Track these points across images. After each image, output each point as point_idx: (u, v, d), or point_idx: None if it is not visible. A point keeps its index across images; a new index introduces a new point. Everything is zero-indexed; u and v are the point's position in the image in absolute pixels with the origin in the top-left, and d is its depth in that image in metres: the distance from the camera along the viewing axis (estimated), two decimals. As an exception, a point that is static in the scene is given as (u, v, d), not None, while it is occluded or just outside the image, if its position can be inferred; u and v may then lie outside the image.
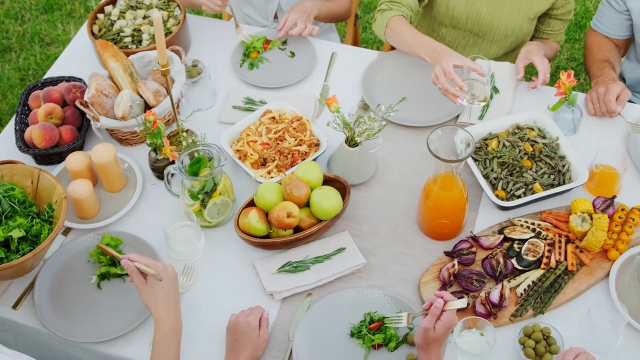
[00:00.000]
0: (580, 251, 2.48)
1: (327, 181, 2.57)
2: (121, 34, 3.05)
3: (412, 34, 2.90)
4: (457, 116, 2.87)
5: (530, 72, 3.74)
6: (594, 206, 2.55)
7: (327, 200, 2.44)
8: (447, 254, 2.48)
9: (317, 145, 2.69)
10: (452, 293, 2.36)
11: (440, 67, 2.70)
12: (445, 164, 2.31)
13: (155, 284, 2.16)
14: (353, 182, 2.65)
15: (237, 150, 2.69)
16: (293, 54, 3.11)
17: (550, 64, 2.96)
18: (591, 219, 2.49)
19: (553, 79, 4.10)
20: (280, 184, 2.51)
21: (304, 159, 2.65)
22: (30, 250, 2.36)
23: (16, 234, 2.36)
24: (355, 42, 3.79)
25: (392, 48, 3.16)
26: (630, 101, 3.21)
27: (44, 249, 2.34)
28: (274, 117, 2.78)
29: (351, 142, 2.58)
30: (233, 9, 3.31)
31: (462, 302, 2.08)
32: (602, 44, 3.18)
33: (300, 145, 2.69)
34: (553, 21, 3.17)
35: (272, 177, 2.60)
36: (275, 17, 3.47)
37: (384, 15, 3.00)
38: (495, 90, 2.93)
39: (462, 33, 3.18)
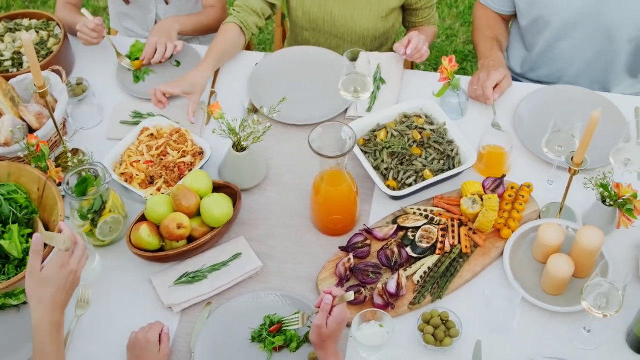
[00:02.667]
0: (474, 233, 2.51)
1: (218, 188, 2.55)
2: (1, 58, 2.98)
3: (213, 45, 2.97)
4: (346, 110, 2.88)
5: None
6: (484, 187, 2.57)
7: (217, 207, 2.43)
8: (342, 249, 2.48)
9: (202, 153, 2.67)
10: (350, 287, 2.37)
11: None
12: (330, 160, 2.31)
13: (45, 282, 2.03)
14: (245, 186, 2.64)
15: (122, 174, 2.65)
16: (178, 63, 3.09)
17: (430, 48, 3.00)
18: (482, 200, 2.52)
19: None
20: (170, 195, 2.48)
21: (191, 169, 2.62)
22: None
23: (7, 246, 2.31)
24: (248, 47, 3.76)
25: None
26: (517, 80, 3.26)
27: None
28: (152, 134, 2.74)
29: (238, 147, 2.57)
30: (115, 25, 3.28)
31: (350, 295, 2.09)
32: (490, 19, 3.22)
33: (185, 156, 2.66)
34: (419, 12, 3.21)
35: (163, 194, 2.58)
36: None
37: (226, 19, 3.05)
38: (381, 81, 2.95)
39: (323, 35, 3.20)
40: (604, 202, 2.45)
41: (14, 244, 2.36)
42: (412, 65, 3.57)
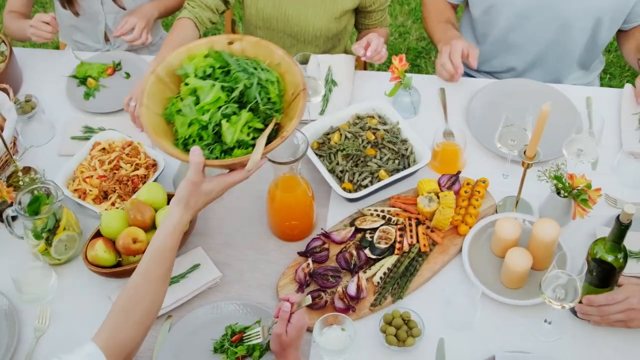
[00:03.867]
0: (432, 231, 2.51)
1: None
2: (-56, 79, 2.95)
3: (168, 39, 2.92)
4: (299, 114, 2.86)
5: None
6: (439, 184, 2.58)
7: (172, 219, 2.40)
8: (300, 254, 2.47)
9: (155, 165, 2.65)
10: (310, 292, 2.36)
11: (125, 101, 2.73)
12: (283, 166, 2.30)
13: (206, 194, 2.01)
14: None
15: (75, 190, 2.62)
16: (128, 75, 3.06)
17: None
18: (438, 197, 2.52)
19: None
20: (124, 210, 2.46)
21: (145, 182, 2.60)
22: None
23: (225, 127, 2.00)
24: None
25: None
26: (470, 75, 3.27)
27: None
28: (104, 148, 2.71)
29: None
30: (64, 38, 3.24)
31: (308, 299, 2.09)
32: (439, 4, 3.23)
33: (138, 169, 2.64)
34: (373, 14, 3.22)
35: (117, 208, 2.55)
36: (106, 39, 3.41)
37: (181, 13, 3.03)
38: (333, 83, 2.94)
39: (277, 34, 3.19)
40: (558, 193, 2.46)
41: (232, 129, 1.99)
42: (364, 66, 3.57)
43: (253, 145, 1.99)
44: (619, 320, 2.23)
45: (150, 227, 2.43)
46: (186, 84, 2.03)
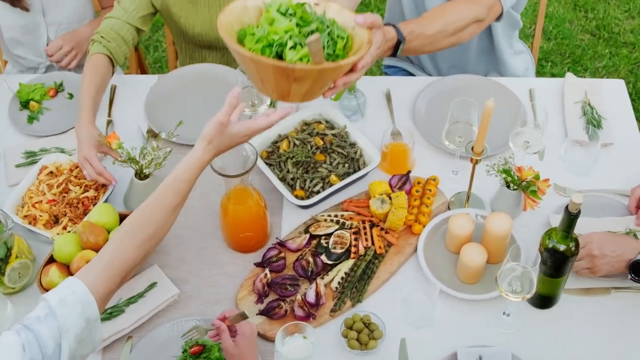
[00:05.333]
0: (386, 232, 2.52)
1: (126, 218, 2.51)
2: None
3: (86, 87, 2.74)
4: (247, 125, 2.86)
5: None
6: (390, 185, 2.59)
7: (125, 239, 2.39)
8: (257, 265, 2.46)
9: (105, 185, 2.63)
10: (269, 302, 2.35)
11: (83, 157, 2.60)
12: (234, 179, 2.29)
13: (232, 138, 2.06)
14: None
15: (25, 216, 2.58)
16: (71, 96, 3.02)
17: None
18: (390, 198, 2.53)
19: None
20: (77, 233, 2.43)
21: (96, 203, 2.58)
22: None
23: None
24: (142, 67, 3.72)
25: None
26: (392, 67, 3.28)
27: None
28: (51, 172, 2.68)
29: (141, 175, 2.54)
30: (4, 54, 3.20)
31: (244, 313, 2.11)
32: None
33: (87, 190, 2.61)
34: None
35: (70, 232, 2.52)
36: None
37: (91, 48, 2.88)
38: (278, 91, 2.94)
39: (220, 51, 3.17)
40: (508, 186, 2.49)
41: (294, 51, 1.95)
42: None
43: None
44: (584, 269, 2.36)
45: (104, 249, 2.41)
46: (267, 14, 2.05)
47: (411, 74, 3.34)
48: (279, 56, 1.95)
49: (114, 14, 2.93)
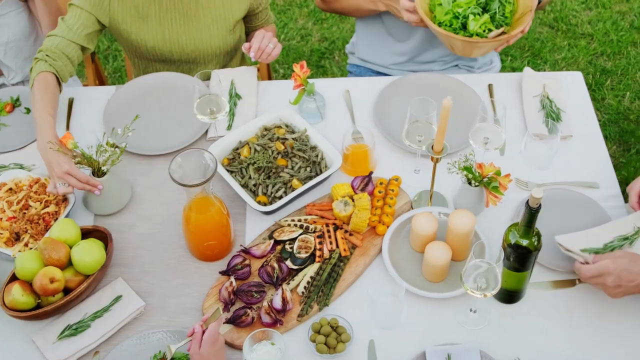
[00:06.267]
0: (350, 235, 2.52)
1: (87, 233, 2.49)
2: None
3: (41, 105, 2.67)
4: (207, 132, 2.84)
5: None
6: (353, 187, 2.59)
7: (88, 254, 2.36)
8: (222, 273, 2.45)
9: (65, 200, 2.60)
10: (236, 310, 2.34)
11: (64, 172, 2.50)
12: (194, 188, 2.27)
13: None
14: (112, 210, 2.63)
15: (-15, 235, 2.56)
16: (28, 110, 2.99)
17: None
18: (353, 200, 2.53)
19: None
20: (38, 250, 2.41)
21: (57, 219, 2.55)
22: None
23: None
24: (100, 78, 3.69)
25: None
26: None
27: None
28: (11, 189, 2.65)
29: (98, 173, 2.54)
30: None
31: (218, 312, 2.10)
32: None
33: (48, 206, 2.59)
34: (259, 15, 3.21)
35: (31, 249, 2.49)
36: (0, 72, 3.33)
37: (36, 67, 2.81)
38: (237, 97, 2.93)
39: (176, 64, 3.15)
40: (469, 183, 2.49)
41: (475, 22, 2.76)
42: (269, 76, 3.57)
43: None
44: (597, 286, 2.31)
45: (67, 265, 2.39)
46: None
47: (380, 73, 3.33)
48: (464, 25, 2.76)
49: (58, 31, 2.88)
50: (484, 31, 2.74)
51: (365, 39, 3.33)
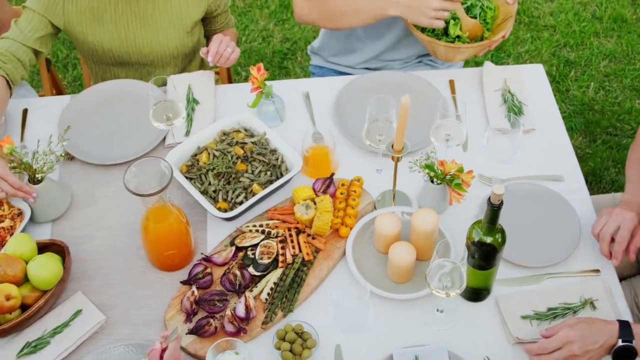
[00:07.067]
0: (313, 238, 2.48)
1: (44, 247, 2.43)
2: None
3: None
4: (164, 139, 2.79)
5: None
6: (314, 190, 2.55)
7: (45, 269, 2.31)
8: (184, 283, 2.40)
9: (21, 214, 2.54)
10: (199, 320, 2.29)
11: None
12: (151, 197, 2.22)
13: None
14: (53, 216, 2.59)
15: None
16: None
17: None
18: (314, 203, 2.49)
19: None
20: (-7, 267, 2.35)
21: (12, 234, 2.49)
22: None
23: None
24: (57, 87, 3.63)
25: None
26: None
27: None
28: (-36, 204, 2.60)
29: (34, 180, 2.50)
30: None
31: (175, 333, 2.07)
32: None
33: (2, 221, 2.52)
34: (218, 18, 3.16)
35: (-14, 264, 2.44)
36: None
37: None
38: (195, 102, 2.88)
39: (132, 67, 3.10)
40: (432, 181, 2.46)
41: (455, 27, 2.86)
42: (229, 79, 3.52)
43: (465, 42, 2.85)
44: None
45: (23, 281, 2.33)
46: None
47: (343, 73, 3.28)
48: (445, 30, 2.87)
49: (10, 34, 2.83)
50: (467, 36, 2.83)
51: (333, 39, 3.27)
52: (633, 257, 2.43)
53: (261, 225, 2.51)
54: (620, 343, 2.17)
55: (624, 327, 2.19)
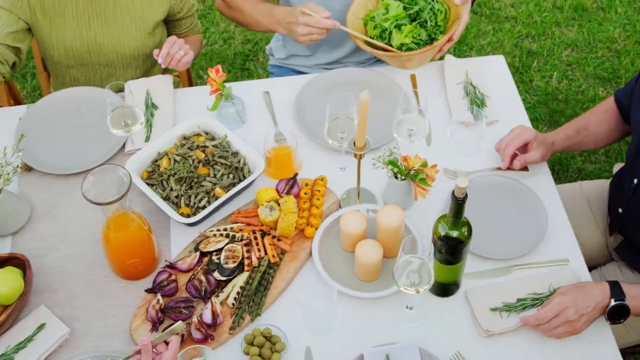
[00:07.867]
0: (278, 240, 2.45)
1: (4, 261, 2.38)
2: None
3: None
4: (124, 146, 2.75)
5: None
6: (277, 191, 2.52)
7: (4, 283, 2.26)
8: (148, 291, 2.36)
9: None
10: (165, 328, 2.25)
11: None
12: (110, 206, 2.18)
13: None
14: (11, 230, 2.54)
15: None
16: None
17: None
18: (278, 204, 2.46)
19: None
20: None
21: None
22: None
23: None
24: (15, 98, 3.56)
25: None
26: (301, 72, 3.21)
27: None
28: None
29: None
30: None
31: (178, 326, 2.02)
32: None
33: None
34: (182, 22, 3.13)
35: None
36: None
37: None
38: (154, 107, 2.83)
39: (93, 67, 3.06)
40: (396, 177, 2.44)
41: (399, 35, 2.79)
42: (190, 82, 3.48)
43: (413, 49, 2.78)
44: (565, 332, 2.22)
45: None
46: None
47: (302, 72, 3.25)
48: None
49: None
50: (417, 43, 2.78)
51: (292, 46, 3.24)
52: (518, 165, 2.59)
53: (225, 229, 2.47)
54: (613, 302, 2.22)
55: (615, 287, 2.24)
